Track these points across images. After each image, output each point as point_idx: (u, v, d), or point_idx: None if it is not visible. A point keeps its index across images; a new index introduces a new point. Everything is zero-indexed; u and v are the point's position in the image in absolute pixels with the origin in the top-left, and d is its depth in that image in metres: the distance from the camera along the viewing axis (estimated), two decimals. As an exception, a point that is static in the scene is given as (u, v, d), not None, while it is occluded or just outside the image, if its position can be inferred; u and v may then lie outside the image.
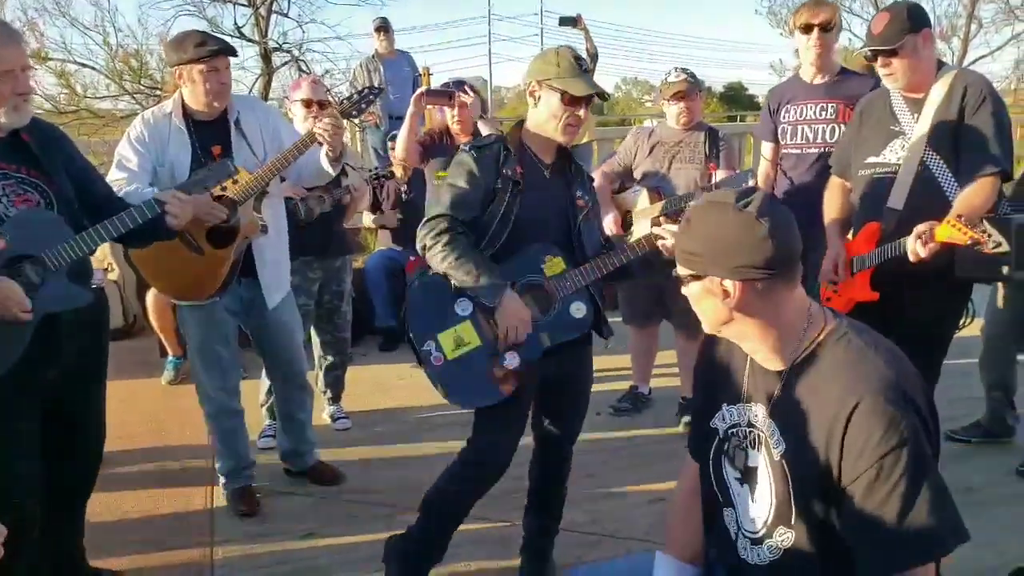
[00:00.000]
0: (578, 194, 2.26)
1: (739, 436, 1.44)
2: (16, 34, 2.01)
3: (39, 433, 2.10)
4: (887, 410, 1.23)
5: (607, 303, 2.38)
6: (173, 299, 2.90)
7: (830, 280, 2.63)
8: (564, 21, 6.11)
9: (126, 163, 2.56)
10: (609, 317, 2.36)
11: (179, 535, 2.76)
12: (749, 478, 1.41)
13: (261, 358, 3.04)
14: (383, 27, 6.86)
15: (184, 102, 2.63)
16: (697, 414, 1.60)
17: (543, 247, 2.18)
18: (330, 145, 2.59)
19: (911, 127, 2.50)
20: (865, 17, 14.49)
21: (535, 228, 2.16)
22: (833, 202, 2.74)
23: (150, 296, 4.33)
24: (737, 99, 29.68)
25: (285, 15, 9.45)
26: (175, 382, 4.32)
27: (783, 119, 3.34)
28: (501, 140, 2.21)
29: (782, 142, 3.37)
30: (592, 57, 5.90)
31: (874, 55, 2.46)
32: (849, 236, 2.68)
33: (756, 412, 1.41)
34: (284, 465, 3.19)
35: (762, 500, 1.39)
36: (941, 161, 2.45)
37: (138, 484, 3.14)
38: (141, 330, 5.04)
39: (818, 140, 3.24)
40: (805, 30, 3.20)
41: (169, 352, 4.40)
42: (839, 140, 2.98)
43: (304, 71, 9.10)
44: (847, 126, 2.89)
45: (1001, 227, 2.38)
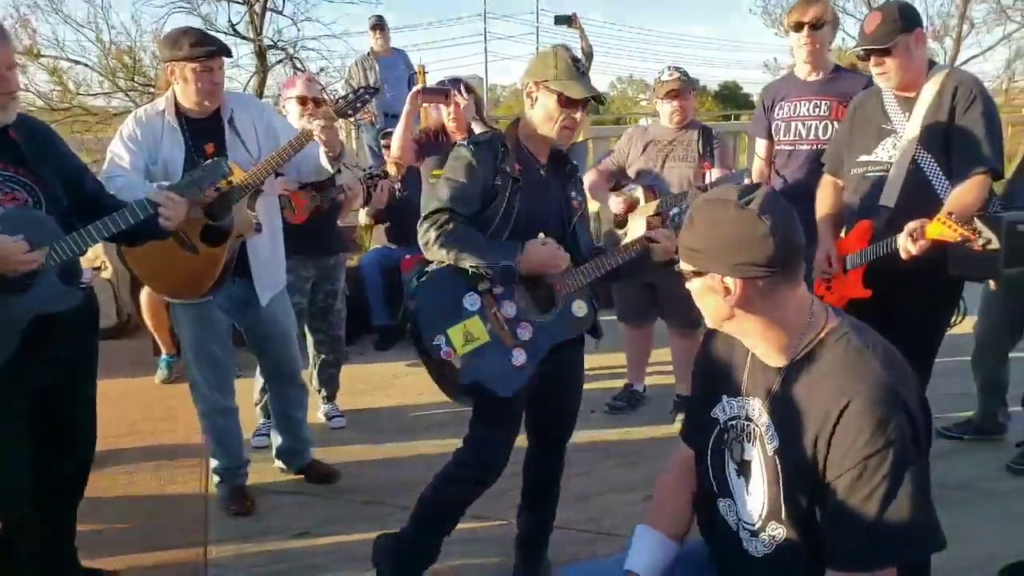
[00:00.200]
0: (572, 194, 2.27)
1: (736, 429, 1.44)
2: (1, 32, 1.97)
3: (27, 432, 2.09)
4: (877, 412, 1.23)
5: (600, 302, 2.38)
6: (167, 297, 2.89)
7: (823, 271, 2.64)
8: (559, 20, 6.13)
9: (119, 161, 2.55)
10: (603, 315, 2.36)
11: (173, 534, 2.75)
12: (744, 471, 1.42)
13: (255, 356, 3.03)
14: (379, 25, 6.86)
15: (177, 100, 2.62)
16: (696, 403, 1.60)
17: None
18: (326, 145, 2.59)
19: (903, 126, 2.52)
20: (858, 16, 14.52)
21: (534, 226, 2.15)
22: (825, 200, 2.76)
23: (144, 294, 4.32)
24: (732, 98, 29.71)
25: (280, 12, 9.39)
26: (169, 381, 4.31)
27: (776, 116, 3.36)
28: (499, 136, 2.19)
29: (775, 139, 3.38)
30: (587, 56, 5.92)
31: (867, 54, 2.48)
32: (841, 234, 2.70)
33: (754, 406, 1.41)
34: (278, 464, 3.18)
35: (756, 493, 1.40)
36: (932, 160, 2.47)
37: (131, 483, 3.14)
38: (135, 328, 5.02)
39: (811, 137, 3.25)
40: (796, 28, 3.22)
41: (163, 350, 4.39)
42: (831, 138, 3.00)
43: (299, 69, 9.07)
44: (839, 124, 2.91)
45: (992, 225, 2.40)
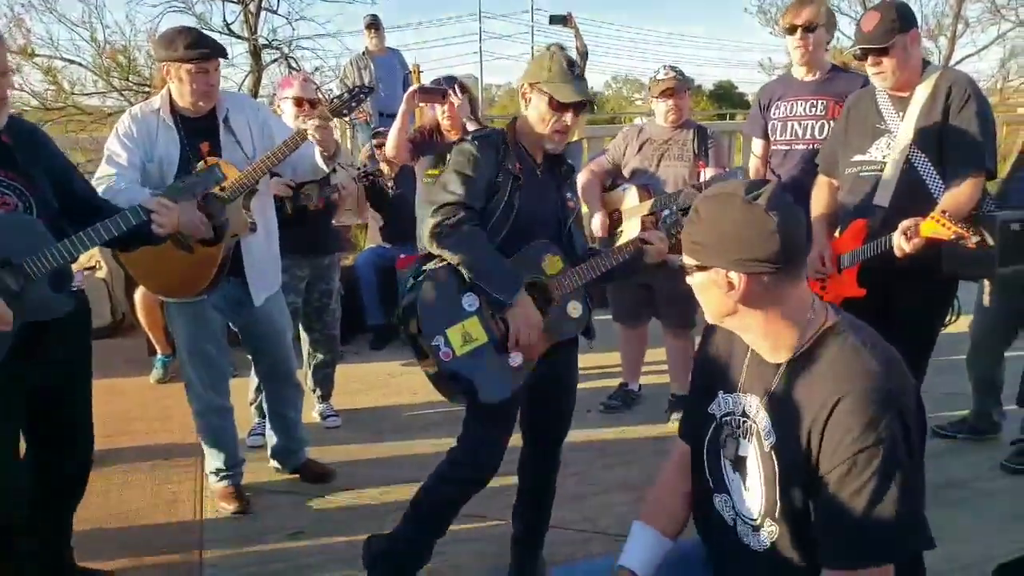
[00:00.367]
0: (567, 195, 2.27)
1: (732, 425, 1.44)
2: None
3: (27, 432, 2.08)
4: (868, 409, 1.24)
5: (595, 301, 2.38)
6: (162, 297, 2.88)
7: (816, 271, 2.65)
8: (554, 19, 6.12)
9: (115, 158, 2.54)
10: (598, 315, 2.36)
11: (168, 534, 2.75)
12: (740, 467, 1.42)
13: (250, 356, 3.03)
14: (373, 24, 6.85)
15: (172, 98, 2.61)
16: (694, 399, 1.60)
17: (543, 245, 2.17)
18: (321, 144, 2.59)
19: (897, 125, 2.52)
20: (853, 16, 14.55)
21: (533, 225, 2.15)
22: (820, 200, 2.76)
23: (138, 294, 4.31)
24: (727, 97, 29.77)
25: (275, 12, 9.35)
26: (164, 380, 4.30)
27: (773, 115, 3.36)
28: (500, 133, 2.19)
29: (771, 138, 3.39)
30: (582, 55, 5.92)
31: (864, 54, 2.48)
32: (836, 234, 2.70)
33: (751, 403, 1.41)
34: (273, 463, 3.18)
35: (754, 489, 1.40)
36: (926, 159, 2.47)
37: (127, 482, 3.13)
38: (129, 328, 5.00)
39: (806, 136, 3.26)
40: (790, 31, 3.24)
41: (158, 350, 4.38)
42: (827, 138, 3.01)
43: (294, 68, 9.05)
44: (834, 124, 2.91)
45: (986, 224, 2.40)
